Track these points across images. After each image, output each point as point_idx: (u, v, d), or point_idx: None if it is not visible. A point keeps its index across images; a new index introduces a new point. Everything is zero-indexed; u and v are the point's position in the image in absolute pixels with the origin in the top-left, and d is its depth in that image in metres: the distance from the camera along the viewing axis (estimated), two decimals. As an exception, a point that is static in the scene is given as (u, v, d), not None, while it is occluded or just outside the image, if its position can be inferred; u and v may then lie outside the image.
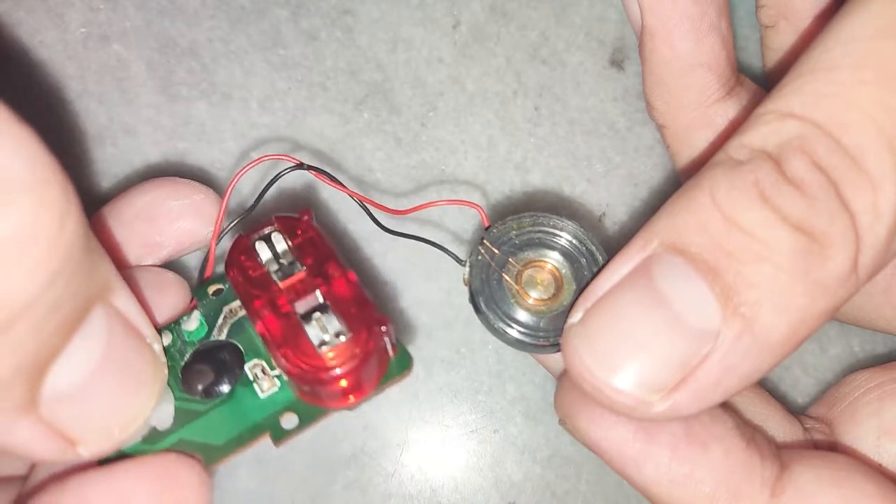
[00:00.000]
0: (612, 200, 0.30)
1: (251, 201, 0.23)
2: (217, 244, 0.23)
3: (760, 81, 0.27)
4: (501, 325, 0.21)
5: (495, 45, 0.31)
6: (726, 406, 0.23)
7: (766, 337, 0.18)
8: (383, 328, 0.20)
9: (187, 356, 0.21)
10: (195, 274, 0.25)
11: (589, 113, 0.30)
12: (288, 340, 0.20)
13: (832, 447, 0.24)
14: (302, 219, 0.22)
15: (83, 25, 0.29)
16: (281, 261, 0.21)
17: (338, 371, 0.19)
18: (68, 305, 0.16)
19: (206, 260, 0.22)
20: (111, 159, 0.29)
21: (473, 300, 0.22)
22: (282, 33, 0.30)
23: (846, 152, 0.18)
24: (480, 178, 0.30)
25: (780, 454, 0.21)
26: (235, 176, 0.22)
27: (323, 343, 0.20)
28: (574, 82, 0.31)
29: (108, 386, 0.18)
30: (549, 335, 0.21)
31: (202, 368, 0.21)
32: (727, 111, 0.25)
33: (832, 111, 0.18)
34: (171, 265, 0.25)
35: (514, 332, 0.21)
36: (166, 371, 0.20)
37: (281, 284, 0.21)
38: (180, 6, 0.30)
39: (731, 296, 0.18)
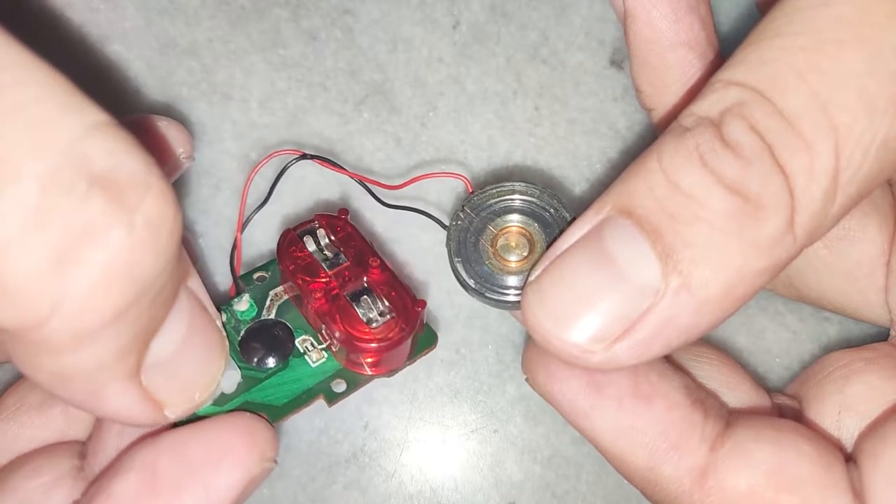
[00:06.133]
0: (612, 200, 0.30)
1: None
2: (241, 233, 0.25)
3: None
4: (475, 285, 0.23)
5: (495, 45, 0.31)
6: (678, 368, 0.24)
7: (703, 293, 0.19)
8: (420, 309, 0.23)
9: (242, 332, 0.24)
10: (225, 256, 0.27)
11: (589, 113, 0.30)
12: (342, 317, 0.23)
13: (797, 420, 0.25)
14: (340, 217, 0.25)
15: (83, 25, 0.29)
16: (325, 252, 0.25)
17: (384, 344, 0.23)
18: (171, 284, 0.18)
19: (234, 248, 0.25)
20: (111, 159, 0.29)
21: (451, 263, 0.23)
22: (282, 33, 0.30)
23: (782, 116, 0.18)
24: (480, 178, 0.30)
25: (728, 417, 0.23)
26: (252, 171, 0.25)
27: (371, 321, 0.23)
28: (574, 82, 0.31)
29: (191, 355, 0.20)
30: (518, 294, 0.23)
31: (258, 342, 0.24)
32: None
33: (771, 76, 0.19)
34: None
35: (487, 292, 0.23)
36: (227, 341, 0.23)
37: (330, 272, 0.24)
38: (180, 6, 0.30)
39: (670, 254, 0.19)
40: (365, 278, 0.24)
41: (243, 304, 0.24)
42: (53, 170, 0.15)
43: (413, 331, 0.23)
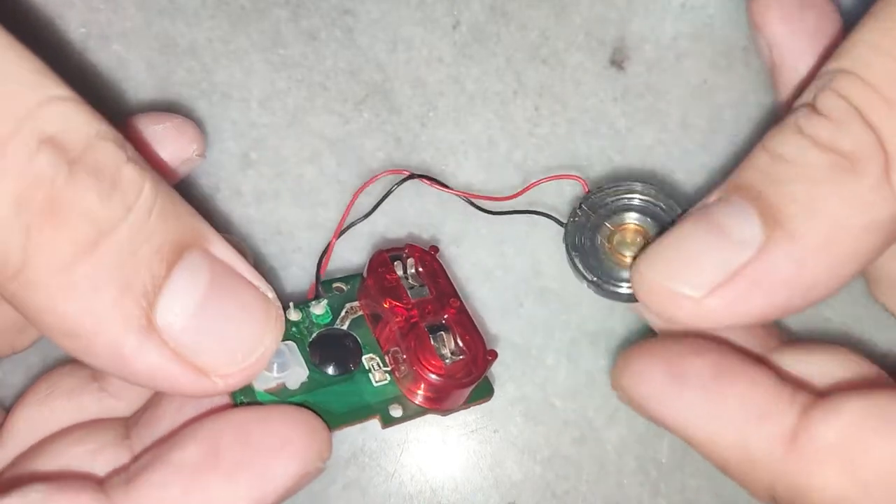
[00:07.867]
0: (612, 200, 0.30)
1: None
2: (336, 238, 0.26)
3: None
4: (592, 277, 0.24)
5: (495, 45, 0.31)
6: (764, 362, 0.24)
7: (804, 244, 0.20)
8: (490, 359, 0.24)
9: (314, 335, 0.25)
10: (310, 263, 0.28)
11: (589, 113, 0.30)
12: (417, 345, 0.24)
13: None
14: (430, 252, 0.26)
15: (83, 25, 0.29)
16: (410, 282, 0.25)
17: (452, 381, 0.23)
18: (158, 238, 0.19)
19: (324, 252, 0.26)
20: (111, 159, 0.29)
21: (570, 258, 0.25)
22: (282, 33, 0.30)
23: (866, 83, 0.21)
24: (480, 178, 0.30)
25: (818, 392, 0.22)
26: (360, 189, 0.27)
27: (443, 356, 0.24)
28: (574, 82, 0.31)
29: (221, 316, 0.20)
30: (631, 287, 0.24)
31: (328, 347, 0.24)
32: None
33: (857, 57, 0.21)
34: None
35: (604, 284, 0.24)
36: (282, 314, 0.22)
37: (412, 301, 0.25)
38: (180, 6, 0.30)
39: (772, 212, 0.21)
40: (445, 316, 0.25)
41: (320, 309, 0.25)
42: (10, 133, 0.18)
43: (481, 376, 0.24)
